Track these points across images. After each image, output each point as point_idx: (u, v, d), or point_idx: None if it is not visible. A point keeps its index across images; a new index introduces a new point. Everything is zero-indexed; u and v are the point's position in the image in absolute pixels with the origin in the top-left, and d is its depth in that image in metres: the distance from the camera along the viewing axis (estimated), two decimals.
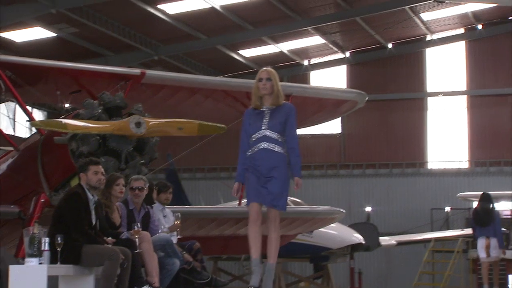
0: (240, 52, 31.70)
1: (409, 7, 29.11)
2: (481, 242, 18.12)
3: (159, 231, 10.17)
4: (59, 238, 8.30)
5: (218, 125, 12.06)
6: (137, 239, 9.17)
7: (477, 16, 32.35)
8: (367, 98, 15.27)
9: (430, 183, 33.61)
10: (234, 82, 15.65)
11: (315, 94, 14.72)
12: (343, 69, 34.87)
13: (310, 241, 22.34)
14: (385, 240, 26.82)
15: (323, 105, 14.90)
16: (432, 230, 31.60)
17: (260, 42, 30.60)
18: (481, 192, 19.67)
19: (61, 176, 11.92)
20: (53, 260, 8.29)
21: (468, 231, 27.86)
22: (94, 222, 8.82)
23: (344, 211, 16.40)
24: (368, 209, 32.23)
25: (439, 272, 27.17)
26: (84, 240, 8.60)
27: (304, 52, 33.55)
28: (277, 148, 8.14)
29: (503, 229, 28.07)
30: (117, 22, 26.45)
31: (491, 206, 18.39)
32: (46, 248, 8.18)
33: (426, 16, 30.88)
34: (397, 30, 31.55)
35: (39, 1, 22.80)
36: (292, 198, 22.07)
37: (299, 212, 14.98)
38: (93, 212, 8.81)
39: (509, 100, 33.42)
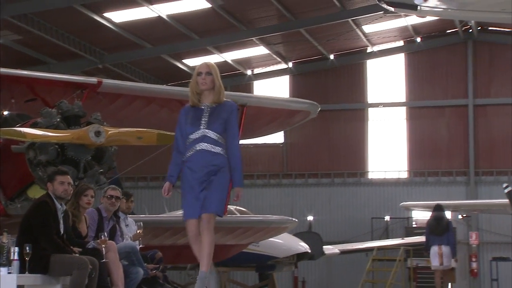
0: (185, 61, 31.71)
1: (352, 20, 29.51)
2: (434, 251, 18.68)
3: (123, 241, 10.16)
4: (27, 248, 8.24)
5: None
6: (103, 249, 9.15)
7: (416, 29, 32.99)
8: (319, 109, 15.46)
9: (370, 193, 34.06)
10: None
11: (269, 104, 14.82)
12: (285, 79, 35.16)
13: (257, 250, 22.41)
14: (328, 248, 27.09)
15: (277, 115, 15.01)
16: (372, 239, 32.10)
17: (204, 52, 30.64)
18: (423, 201, 20.30)
19: (17, 185, 11.78)
20: (21, 269, 8.23)
21: (409, 239, 28.43)
22: (62, 232, 8.78)
23: (296, 220, 16.57)
24: (310, 218, 32.50)
25: (381, 280, 27.53)
26: (53, 250, 8.55)
27: (247, 62, 33.75)
28: (217, 149, 7.49)
29: None
30: (62, 30, 26.19)
31: (444, 216, 19.01)
32: (15, 257, 8.11)
33: (367, 28, 31.36)
34: (339, 41, 32.03)
35: None
36: (238, 208, 22.20)
37: (253, 222, 15.08)
38: (61, 222, 8.77)
39: (447, 112, 34.18)
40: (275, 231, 15.95)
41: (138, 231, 10.62)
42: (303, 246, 23.24)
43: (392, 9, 5.49)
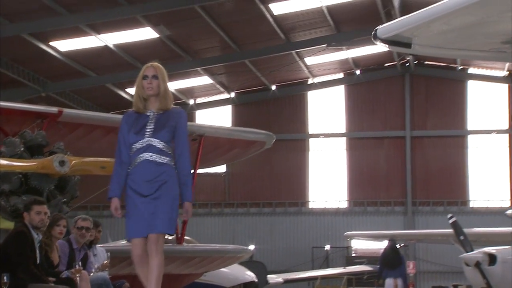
0: (128, 90, 31.73)
1: (295, 52, 30.01)
2: (389, 282, 19.49)
3: (93, 270, 10.17)
4: (5, 277, 8.21)
5: None
6: (78, 278, 9.16)
7: (356, 62, 33.68)
8: (274, 140, 15.75)
9: (311, 222, 34.46)
10: None
11: (226, 135, 15.05)
12: (228, 109, 35.43)
13: (203, 279, 22.35)
14: (272, 278, 27.24)
15: (234, 145, 15.23)
16: (313, 268, 32.41)
17: None
18: (366, 231, 20.87)
19: None
20: None
21: (350, 269, 28.84)
22: (38, 261, 8.78)
23: (251, 250, 16.75)
24: (252, 247, 32.63)
25: None
26: (30, 279, 8.54)
27: (190, 92, 33.96)
28: (163, 159, 6.66)
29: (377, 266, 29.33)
30: (5, 58, 25.97)
31: (397, 250, 19.96)
32: None
33: (309, 60, 31.91)
34: (281, 72, 32.48)
35: None
36: (186, 237, 22.23)
37: (210, 251, 15.13)
38: (37, 251, 8.78)
39: (385, 143, 34.86)
40: (230, 261, 16.04)
41: (105, 262, 10.62)
42: (250, 275, 23.30)
43: (386, 47, 5.75)
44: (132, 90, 31.66)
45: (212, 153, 15.35)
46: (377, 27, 5.47)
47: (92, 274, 9.95)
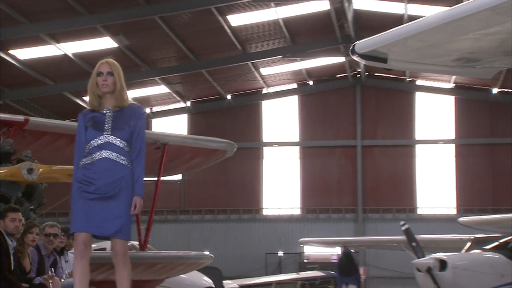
0: (85, 98, 31.53)
1: (251, 62, 30.19)
2: None
3: (63, 276, 10.16)
4: None
5: None
6: (50, 284, 9.16)
7: (310, 73, 33.98)
8: (236, 148, 15.88)
9: (265, 229, 34.60)
10: None
11: (189, 143, 15.12)
12: (184, 118, 35.42)
13: (162, 285, 22.40)
14: (227, 283, 27.29)
15: (196, 154, 15.31)
16: (267, 273, 32.51)
17: None
18: (319, 237, 21.21)
19: None
20: None
21: (304, 274, 29.02)
22: (13, 268, 8.76)
23: (213, 256, 16.80)
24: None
25: None
26: (5, 286, 8.52)
27: (146, 101, 33.84)
28: (122, 160, 6.35)
29: (331, 272, 29.62)
30: None
31: (352, 258, 20.41)
32: None
33: (264, 71, 32.11)
34: (236, 82, 32.61)
35: None
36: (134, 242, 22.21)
37: (173, 257, 15.16)
38: (12, 258, 8.75)
39: (337, 152, 35.18)
40: (192, 267, 16.11)
41: None
42: (207, 281, 23.31)
43: (364, 61, 5.91)
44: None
45: (175, 162, 15.41)
46: (355, 43, 5.63)
47: (63, 280, 9.96)
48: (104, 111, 6.46)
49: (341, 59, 31.94)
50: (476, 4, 5.08)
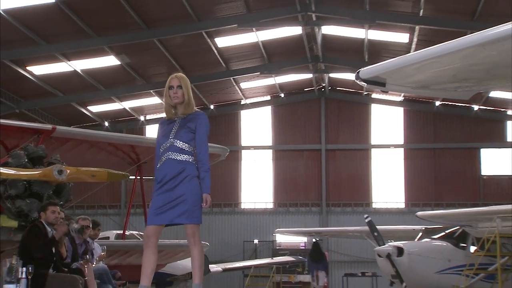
0: (89, 107, 31.55)
1: (233, 78, 30.39)
2: (314, 274, 20.31)
3: (94, 261, 10.36)
4: (30, 268, 8.36)
5: (123, 172, 12.42)
6: (86, 269, 9.35)
7: (282, 87, 34.22)
8: (228, 152, 16.10)
9: (242, 220, 34.71)
10: (126, 137, 15.93)
11: None
12: None
13: (158, 268, 22.49)
14: (212, 267, 27.43)
15: None
16: (244, 258, 32.62)
17: (108, 100, 30.68)
18: (291, 228, 21.53)
19: None
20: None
21: (277, 259, 29.24)
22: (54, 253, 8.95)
23: (208, 244, 16.98)
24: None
25: None
26: (49, 269, 8.70)
27: (141, 110, 33.90)
28: (183, 157, 6.46)
29: (300, 257, 29.85)
30: None
31: (320, 248, 20.91)
32: (23, 276, 8.21)
33: (244, 85, 32.32)
34: (219, 94, 32.77)
35: None
36: (134, 232, 22.36)
37: (176, 245, 15.41)
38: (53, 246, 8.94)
39: (305, 155, 35.40)
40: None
41: (102, 254, 10.81)
42: None
43: (365, 85, 6.19)
44: (92, 108, 31.61)
45: None
46: (359, 70, 5.91)
47: (93, 265, 10.16)
48: (176, 119, 6.66)
49: (309, 75, 32.26)
50: (462, 42, 5.34)
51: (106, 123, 33.72)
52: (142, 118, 34.79)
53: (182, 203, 6.40)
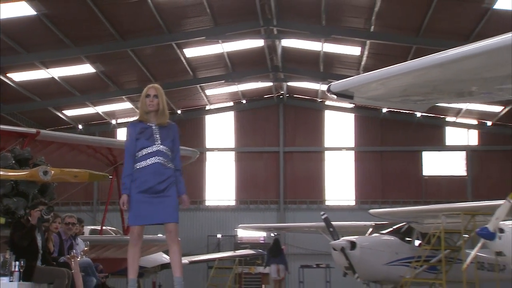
0: (64, 111, 31.23)
1: (199, 85, 30.41)
2: (273, 267, 20.56)
3: (78, 255, 10.36)
4: (22, 261, 8.36)
5: (103, 173, 12.43)
6: (73, 262, 9.36)
7: (244, 93, 34.34)
8: (198, 155, 16.18)
9: (207, 216, 34.67)
10: (104, 140, 15.87)
11: None
12: None
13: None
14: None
15: None
16: (208, 252, 32.56)
17: (82, 105, 30.42)
18: (253, 224, 21.68)
19: None
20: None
21: (239, 252, 29.30)
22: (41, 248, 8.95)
23: (179, 239, 17.00)
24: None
25: (221, 284, 28.20)
26: (36, 261, 8.70)
27: (113, 114, 33.68)
28: (169, 163, 6.75)
29: (260, 250, 29.95)
30: None
31: (279, 243, 21.22)
32: (16, 269, 8.21)
33: (209, 91, 32.37)
34: (186, 100, 32.74)
35: None
36: (111, 228, 22.21)
37: (148, 240, 15.40)
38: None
39: (264, 156, 35.53)
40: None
41: (85, 248, 10.81)
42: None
43: (334, 97, 6.35)
44: (68, 112, 31.28)
45: None
46: (330, 83, 6.08)
47: (78, 259, 10.16)
48: (151, 125, 6.81)
49: (269, 84, 32.47)
50: (425, 61, 5.52)
51: (80, 126, 33.41)
52: (113, 121, 34.55)
53: (169, 204, 6.73)
